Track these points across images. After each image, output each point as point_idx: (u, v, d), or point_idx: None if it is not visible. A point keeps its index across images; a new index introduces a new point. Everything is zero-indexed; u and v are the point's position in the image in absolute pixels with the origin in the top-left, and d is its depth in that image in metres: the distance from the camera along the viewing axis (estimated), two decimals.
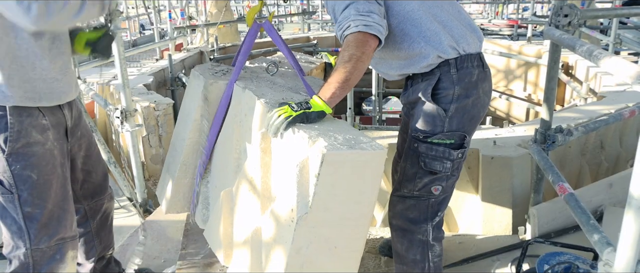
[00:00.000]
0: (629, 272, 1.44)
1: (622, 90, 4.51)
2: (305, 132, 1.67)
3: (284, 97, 2.01)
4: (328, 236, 1.69)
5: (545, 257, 2.42)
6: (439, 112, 1.99)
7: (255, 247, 1.86)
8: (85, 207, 2.31)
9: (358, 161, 1.61)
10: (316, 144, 1.59)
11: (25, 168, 1.88)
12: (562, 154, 3.74)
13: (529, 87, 7.04)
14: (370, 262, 2.86)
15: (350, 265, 1.80)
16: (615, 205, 3.06)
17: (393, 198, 2.17)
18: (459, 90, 1.98)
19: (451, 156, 2.01)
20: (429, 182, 2.06)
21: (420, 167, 2.04)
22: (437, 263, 2.18)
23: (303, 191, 1.62)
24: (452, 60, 1.98)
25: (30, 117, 1.87)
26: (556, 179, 2.31)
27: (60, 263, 2.02)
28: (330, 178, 1.58)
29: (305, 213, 1.60)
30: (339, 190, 1.62)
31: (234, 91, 2.13)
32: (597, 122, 2.96)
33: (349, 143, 1.63)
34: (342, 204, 1.66)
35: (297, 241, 1.64)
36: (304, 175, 1.63)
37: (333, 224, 1.68)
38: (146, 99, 4.74)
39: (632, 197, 1.35)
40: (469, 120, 2.03)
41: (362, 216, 1.72)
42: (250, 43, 2.16)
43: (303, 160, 1.62)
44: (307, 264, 1.70)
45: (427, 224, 2.12)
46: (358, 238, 1.76)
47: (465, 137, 2.04)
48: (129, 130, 3.28)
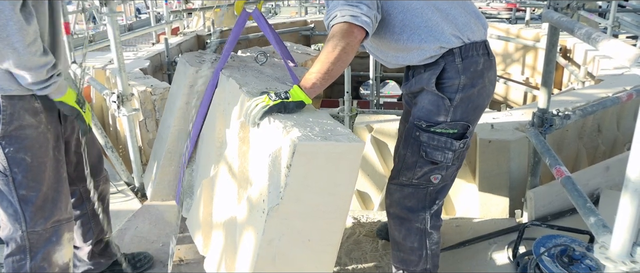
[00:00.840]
0: (625, 254, 1.45)
1: (620, 74, 4.51)
2: (281, 121, 1.63)
3: (268, 87, 1.97)
4: (301, 228, 1.65)
5: (542, 239, 2.44)
6: (443, 102, 1.95)
7: (230, 237, 1.83)
8: (80, 189, 2.32)
9: (333, 153, 1.56)
10: (290, 134, 1.54)
11: (18, 151, 1.88)
12: (560, 138, 3.75)
13: (526, 71, 7.03)
14: (367, 245, 2.88)
15: (325, 259, 1.76)
16: (612, 188, 3.08)
17: (391, 186, 2.15)
18: (464, 79, 1.94)
19: (453, 146, 1.98)
20: (429, 171, 2.04)
21: (421, 156, 2.01)
22: (435, 251, 2.18)
23: (275, 182, 1.58)
24: (456, 50, 1.93)
25: (23, 100, 1.87)
26: (553, 162, 2.31)
27: (57, 246, 2.03)
28: (303, 170, 1.54)
29: (276, 204, 1.56)
30: (312, 181, 1.57)
31: (219, 79, 2.10)
32: (594, 106, 2.96)
33: (324, 134, 1.58)
34: (316, 196, 1.61)
35: (269, 232, 1.60)
36: (276, 166, 1.59)
37: (306, 216, 1.64)
38: (143, 83, 4.72)
39: (629, 179, 1.36)
40: (474, 109, 2.00)
41: (337, 209, 1.67)
42: (238, 32, 2.12)
43: (276, 150, 1.59)
44: (279, 256, 1.66)
45: (425, 212, 2.11)
46: (333, 232, 1.72)
47: (468, 127, 2.00)
48: (126, 114, 3.27)
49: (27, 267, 1.99)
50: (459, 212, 3.57)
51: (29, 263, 1.99)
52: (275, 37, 2.23)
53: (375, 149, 3.53)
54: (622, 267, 1.46)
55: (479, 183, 3.32)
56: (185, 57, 2.24)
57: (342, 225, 1.73)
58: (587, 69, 5.19)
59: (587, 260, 2.28)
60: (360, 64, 7.81)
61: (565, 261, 2.27)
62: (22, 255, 1.99)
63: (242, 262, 1.73)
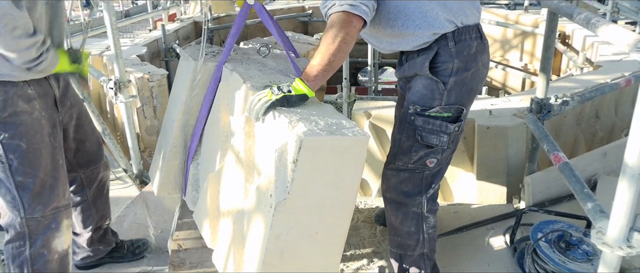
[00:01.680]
0: (622, 239, 1.45)
1: (618, 60, 4.50)
2: (286, 116, 1.63)
3: (272, 80, 1.97)
4: (308, 222, 1.66)
5: (539, 225, 2.45)
6: (437, 86, 1.95)
7: (237, 231, 1.85)
8: (80, 175, 2.32)
9: (338, 147, 1.57)
10: (295, 129, 1.55)
11: (13, 137, 1.88)
12: (558, 124, 3.75)
13: (525, 57, 7.01)
14: (366, 231, 2.89)
15: (332, 252, 1.78)
16: (609, 174, 3.09)
17: (387, 171, 2.15)
18: (458, 63, 1.94)
19: (448, 130, 1.99)
20: (424, 155, 2.04)
21: (417, 140, 2.01)
22: (432, 235, 2.19)
23: (282, 177, 1.59)
24: (449, 34, 1.93)
25: (15, 87, 1.86)
26: (551, 148, 2.31)
27: (56, 232, 2.04)
28: (309, 165, 1.54)
29: (283, 199, 1.57)
30: (319, 176, 1.59)
31: (222, 73, 2.10)
32: (592, 92, 2.96)
33: (330, 128, 1.58)
34: (322, 190, 1.62)
35: (276, 227, 1.61)
36: (282, 161, 1.59)
37: (313, 210, 1.65)
38: (140, 70, 4.70)
39: (627, 165, 1.36)
40: (467, 93, 2.01)
41: (344, 202, 1.69)
42: (240, 24, 2.10)
43: (282, 145, 1.59)
44: (287, 250, 1.67)
45: (422, 197, 2.11)
46: (340, 224, 1.73)
47: (462, 110, 2.01)
48: (123, 101, 3.26)
49: (26, 253, 2.00)
50: (457, 198, 3.58)
51: (29, 249, 2.00)
52: (277, 28, 2.22)
53: (373, 135, 3.53)
54: (619, 251, 1.46)
55: (477, 169, 3.33)
56: (187, 51, 2.23)
57: (349, 217, 1.74)
58: (585, 55, 5.18)
59: (584, 245, 2.29)
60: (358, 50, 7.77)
61: (563, 246, 2.28)
62: (22, 242, 1.99)
63: (251, 255, 1.75)
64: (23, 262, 2.01)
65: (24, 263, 2.01)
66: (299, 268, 1.75)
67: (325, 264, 1.80)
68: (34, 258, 2.01)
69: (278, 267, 1.69)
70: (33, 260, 2.01)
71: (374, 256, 2.67)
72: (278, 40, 2.21)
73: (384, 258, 2.63)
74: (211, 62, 2.14)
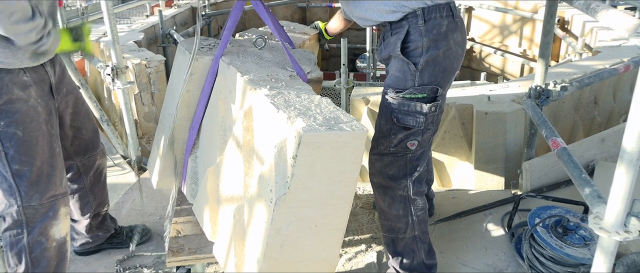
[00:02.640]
0: (619, 224, 1.46)
1: (617, 45, 4.49)
2: (284, 112, 1.64)
3: (269, 74, 1.99)
4: (308, 215, 1.69)
5: (537, 210, 2.46)
6: (409, 67, 1.98)
7: (238, 225, 1.87)
8: (77, 163, 2.32)
9: (337, 142, 1.59)
10: (294, 125, 1.56)
11: (9, 125, 1.87)
12: (556, 109, 3.75)
13: (524, 43, 6.99)
14: (364, 216, 2.90)
15: (332, 243, 1.81)
16: (607, 160, 3.09)
17: (371, 156, 2.17)
18: (427, 42, 1.96)
19: (423, 110, 2.00)
20: (404, 137, 2.06)
21: (394, 123, 2.04)
22: (421, 217, 2.20)
23: (281, 172, 1.61)
24: (419, 11, 1.95)
25: (10, 74, 1.85)
26: (549, 134, 2.31)
27: (54, 220, 2.04)
28: (309, 160, 1.57)
29: (283, 194, 1.59)
30: (318, 170, 1.61)
31: (219, 67, 2.10)
32: (591, 77, 2.95)
33: (328, 123, 1.60)
34: (322, 185, 1.64)
35: (277, 221, 1.64)
36: (282, 156, 1.61)
37: (313, 204, 1.67)
38: (137, 56, 4.68)
39: (625, 150, 1.36)
40: (441, 72, 2.01)
41: (343, 195, 1.72)
42: (235, 18, 2.10)
43: (281, 140, 1.61)
44: (287, 243, 1.71)
45: (407, 180, 2.13)
46: (339, 217, 1.76)
47: (438, 89, 2.02)
48: (121, 87, 3.24)
49: (24, 241, 2.00)
50: (455, 183, 3.58)
51: (26, 237, 2.00)
52: (273, 21, 2.23)
53: (371, 121, 3.53)
54: (616, 236, 1.47)
55: (475, 155, 3.33)
56: (184, 45, 2.22)
57: (348, 209, 1.77)
58: (584, 41, 5.16)
59: (581, 230, 2.30)
60: (356, 37, 7.75)
61: (560, 232, 2.29)
62: (19, 230, 1.99)
63: (252, 249, 1.78)
64: (21, 250, 2.01)
65: (22, 251, 2.01)
66: (299, 259, 1.79)
67: (324, 255, 1.84)
68: (32, 246, 2.02)
69: (279, 259, 1.73)
70: (31, 248, 2.02)
71: (372, 241, 2.69)
72: (274, 32, 2.22)
73: (382, 244, 2.65)
74: (207, 55, 2.14)
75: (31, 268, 2.03)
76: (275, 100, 1.74)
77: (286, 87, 1.89)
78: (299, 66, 2.08)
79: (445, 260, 2.50)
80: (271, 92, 1.80)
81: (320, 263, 1.85)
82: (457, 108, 3.34)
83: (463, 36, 2.10)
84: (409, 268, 2.24)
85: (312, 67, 2.20)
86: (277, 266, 1.75)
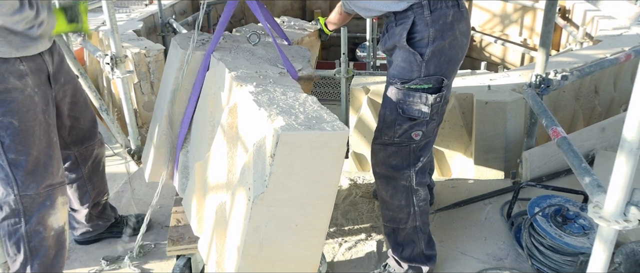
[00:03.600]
0: (619, 213, 1.46)
1: (618, 34, 4.47)
2: (265, 110, 1.64)
3: (258, 70, 1.98)
4: (288, 215, 1.68)
5: (536, 199, 2.46)
6: (415, 58, 1.97)
7: (220, 222, 1.88)
8: (75, 153, 2.31)
9: (316, 142, 1.57)
10: (273, 123, 1.55)
11: (5, 114, 1.86)
12: (556, 99, 3.74)
13: (524, 32, 6.96)
14: (364, 206, 2.91)
15: (313, 243, 1.80)
16: (607, 149, 3.09)
17: (374, 146, 2.17)
18: (434, 32, 1.95)
19: (428, 101, 2.00)
20: (409, 128, 2.06)
21: (399, 113, 2.03)
22: (423, 207, 2.21)
23: (260, 170, 1.60)
24: (425, 2, 1.94)
25: (7, 63, 1.84)
26: (549, 123, 2.31)
27: (51, 210, 2.04)
28: (287, 159, 1.55)
29: (261, 192, 1.58)
30: (297, 170, 1.59)
31: (210, 62, 2.10)
32: (592, 66, 2.94)
33: (309, 122, 1.59)
34: (301, 184, 1.63)
35: (255, 219, 1.63)
36: (260, 155, 1.61)
37: (292, 204, 1.66)
38: (136, 45, 4.66)
39: (625, 140, 1.36)
40: (447, 62, 2.01)
41: (323, 195, 1.70)
42: (228, 13, 2.10)
43: (260, 139, 1.60)
44: (266, 241, 1.70)
45: (410, 170, 2.13)
46: (320, 217, 1.75)
47: (443, 80, 2.02)
48: (120, 76, 3.23)
49: (22, 230, 2.00)
50: (454, 173, 3.59)
51: (24, 226, 2.00)
52: (268, 17, 2.23)
53: (371, 111, 3.52)
54: (616, 226, 1.47)
55: (475, 144, 3.33)
56: (176, 40, 2.22)
57: (329, 210, 1.76)
58: (585, 30, 5.14)
59: (581, 219, 2.31)
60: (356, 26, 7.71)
61: (559, 221, 2.29)
62: (17, 219, 1.99)
63: (231, 246, 1.78)
64: (19, 239, 2.01)
65: (21, 240, 2.02)
66: (278, 258, 1.78)
67: (305, 255, 1.82)
68: (30, 235, 2.02)
69: (257, 258, 1.72)
70: (29, 237, 2.02)
71: (372, 231, 2.69)
72: (267, 30, 2.22)
73: (382, 233, 2.65)
74: (199, 50, 2.13)
75: (30, 257, 2.04)
76: (258, 98, 1.73)
77: (273, 84, 1.88)
78: (289, 63, 2.08)
79: (445, 249, 2.51)
80: (257, 89, 1.80)
81: (301, 262, 1.84)
82: (457, 97, 3.33)
83: (468, 26, 2.09)
84: (408, 258, 2.25)
85: (305, 64, 2.19)
86: (256, 264, 1.75)
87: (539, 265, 2.32)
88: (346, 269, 2.39)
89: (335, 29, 2.65)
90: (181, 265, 2.18)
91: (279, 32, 2.37)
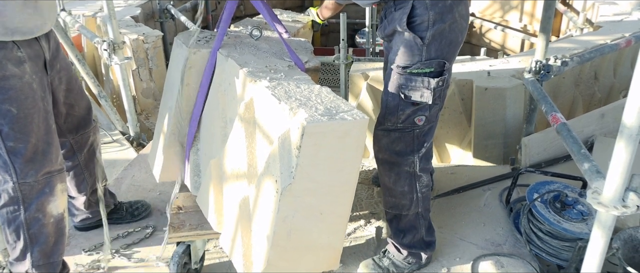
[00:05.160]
0: (617, 199, 1.46)
1: (619, 20, 4.45)
2: (286, 103, 1.68)
3: (267, 65, 2.01)
4: (313, 204, 1.75)
5: (535, 185, 2.47)
6: (415, 41, 1.96)
7: (244, 216, 1.91)
8: (70, 140, 2.30)
9: (339, 131, 1.63)
10: (297, 116, 1.61)
11: (3, 102, 1.84)
12: (556, 85, 3.73)
13: (524, 18, 6.92)
14: (363, 192, 2.91)
15: (336, 229, 1.88)
16: (606, 135, 3.09)
17: (377, 132, 2.16)
18: (434, 15, 1.94)
19: (431, 85, 1.99)
20: (412, 113, 2.05)
21: (401, 99, 2.03)
22: (425, 194, 2.21)
23: (286, 162, 1.65)
24: None
25: (4, 49, 1.81)
26: (549, 109, 2.31)
27: (50, 197, 2.04)
28: (312, 150, 1.62)
29: (289, 184, 1.64)
30: (322, 160, 1.66)
31: (217, 59, 2.11)
32: (592, 52, 2.93)
33: (330, 113, 1.65)
34: (325, 173, 1.70)
35: (283, 210, 1.69)
36: (286, 147, 1.65)
37: (317, 193, 1.73)
38: (134, 31, 4.63)
39: (625, 125, 1.36)
40: (448, 45, 2.00)
41: (346, 182, 1.77)
42: (230, 11, 2.09)
43: (285, 132, 1.65)
44: (294, 231, 1.77)
45: (414, 156, 2.12)
46: (343, 203, 1.82)
47: (445, 64, 2.01)
48: (118, 62, 3.22)
49: (21, 217, 2.00)
50: (454, 159, 3.59)
51: (24, 214, 2.00)
52: (268, 11, 2.22)
53: (371, 97, 3.51)
54: (614, 211, 1.48)
55: (475, 130, 3.33)
56: (180, 38, 2.22)
57: (351, 196, 1.83)
58: (586, 16, 5.11)
59: (579, 205, 2.31)
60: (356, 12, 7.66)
61: (558, 206, 2.30)
62: (16, 206, 1.99)
63: (259, 238, 1.83)
64: (19, 226, 2.01)
65: (20, 228, 2.02)
66: (305, 246, 1.85)
67: (330, 241, 1.90)
68: (30, 223, 2.02)
69: (286, 247, 1.79)
70: (28, 225, 2.02)
71: (371, 217, 2.70)
72: (270, 23, 2.23)
73: (381, 219, 2.66)
74: (205, 48, 2.14)
75: (30, 244, 2.04)
76: (276, 92, 1.77)
77: (285, 77, 1.92)
78: (296, 56, 2.10)
79: (444, 235, 2.52)
80: (271, 83, 1.83)
81: (326, 248, 1.92)
82: (456, 83, 3.32)
83: (467, 9, 2.09)
84: (408, 245, 2.26)
85: (310, 55, 2.21)
86: (284, 253, 1.81)
87: (537, 251, 2.33)
88: (345, 256, 2.40)
89: (328, 18, 2.64)
90: (180, 252, 2.18)
91: (279, 25, 2.37)
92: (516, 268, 2.31)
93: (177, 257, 2.18)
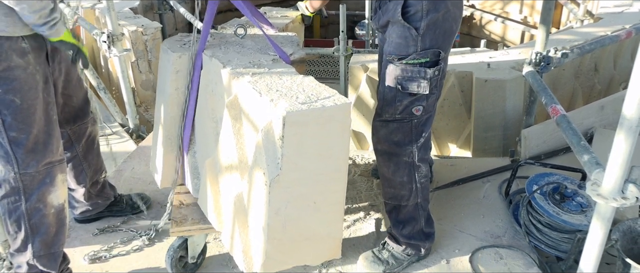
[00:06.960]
0: (616, 191, 1.47)
1: (619, 12, 4.44)
2: (267, 95, 1.68)
3: (251, 60, 2.01)
4: (304, 193, 1.74)
5: (535, 177, 2.47)
6: (410, 32, 1.97)
7: (240, 211, 1.92)
8: (68, 131, 2.30)
9: (321, 117, 1.63)
10: (277, 107, 1.60)
11: (7, 92, 1.85)
12: (556, 77, 3.73)
13: (525, 10, 6.91)
14: (362, 184, 2.91)
15: (332, 218, 1.87)
16: (606, 127, 3.09)
17: (376, 123, 2.17)
18: (427, 5, 1.94)
19: (427, 75, 2.00)
20: (409, 103, 2.06)
21: (398, 89, 2.03)
22: (424, 184, 2.21)
23: (271, 154, 1.65)
24: None
25: (10, 40, 1.82)
26: (549, 101, 2.30)
27: (51, 187, 2.04)
28: (296, 139, 1.61)
29: (276, 175, 1.64)
30: (307, 148, 1.66)
31: (203, 61, 2.11)
32: (592, 44, 2.92)
33: (310, 100, 1.64)
34: (312, 161, 1.69)
35: (274, 202, 1.69)
36: (270, 139, 1.65)
37: (306, 181, 1.72)
38: (133, 23, 4.62)
39: (624, 117, 1.36)
40: (442, 35, 2.01)
41: (336, 170, 1.76)
42: (212, 12, 2.09)
43: (267, 124, 1.65)
44: (288, 222, 1.76)
45: (412, 146, 2.13)
46: (336, 191, 1.81)
47: (440, 53, 2.02)
48: (117, 54, 3.21)
49: (22, 208, 2.00)
50: (453, 151, 3.59)
51: (24, 204, 2.00)
52: (250, 8, 2.22)
53: (370, 88, 3.51)
54: (614, 203, 1.48)
55: (474, 122, 3.33)
56: (166, 44, 2.23)
57: (343, 183, 1.82)
58: (586, 7, 5.10)
59: (579, 197, 2.32)
60: (355, 4, 7.64)
61: (557, 198, 2.30)
62: (17, 197, 1.99)
63: (255, 233, 1.83)
64: (20, 217, 2.02)
65: (21, 218, 2.02)
66: (303, 237, 1.85)
67: (327, 231, 1.90)
68: (31, 213, 2.02)
69: (282, 240, 1.79)
70: (29, 215, 2.02)
71: (370, 209, 2.70)
72: (251, 20, 2.22)
73: (380, 211, 2.66)
74: (189, 51, 2.14)
75: (31, 235, 2.05)
76: (257, 86, 1.77)
77: (268, 71, 1.92)
78: (280, 49, 2.09)
79: (443, 227, 2.52)
80: (253, 78, 1.83)
81: (324, 239, 1.92)
82: (456, 75, 3.32)
83: None
84: (408, 236, 2.26)
85: (295, 48, 2.21)
86: (282, 246, 1.81)
87: (536, 243, 2.33)
88: (345, 248, 2.40)
89: (317, 9, 2.66)
90: (176, 246, 2.17)
91: (264, 22, 2.39)
92: (515, 259, 2.32)
93: (172, 251, 2.17)
